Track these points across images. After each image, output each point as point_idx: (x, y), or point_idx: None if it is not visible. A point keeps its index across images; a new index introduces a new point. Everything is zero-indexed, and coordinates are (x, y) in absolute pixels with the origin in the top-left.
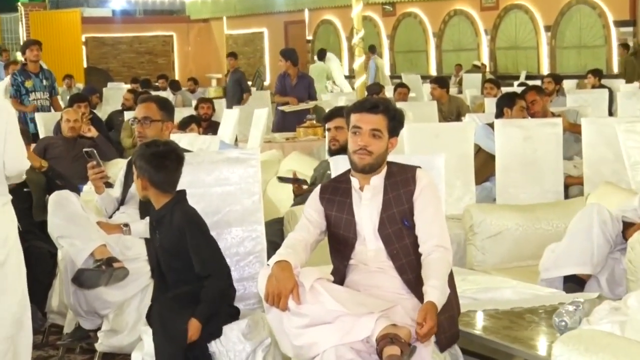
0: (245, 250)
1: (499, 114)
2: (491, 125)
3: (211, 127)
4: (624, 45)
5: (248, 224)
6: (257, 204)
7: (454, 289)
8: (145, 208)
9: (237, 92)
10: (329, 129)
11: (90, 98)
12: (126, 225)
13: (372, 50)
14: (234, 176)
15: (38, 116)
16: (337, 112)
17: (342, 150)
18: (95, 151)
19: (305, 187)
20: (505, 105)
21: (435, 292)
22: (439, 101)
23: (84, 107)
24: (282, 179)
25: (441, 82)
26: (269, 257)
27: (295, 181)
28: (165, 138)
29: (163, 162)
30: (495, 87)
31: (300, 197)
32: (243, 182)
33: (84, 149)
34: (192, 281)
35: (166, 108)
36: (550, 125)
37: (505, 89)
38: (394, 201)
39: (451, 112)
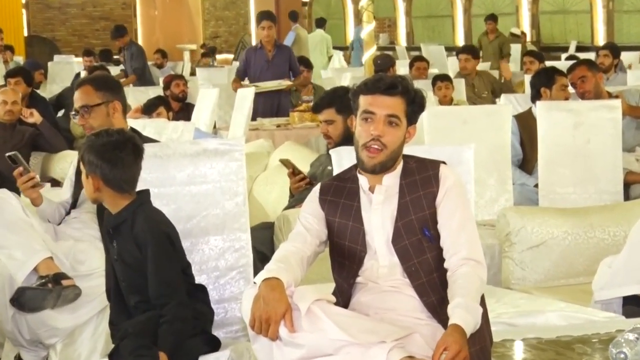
0: (226, 265)
1: (536, 95)
2: (518, 117)
3: (184, 111)
4: None
5: (230, 232)
6: (242, 206)
7: (485, 313)
8: (103, 212)
9: (130, 71)
10: (320, 122)
11: (32, 74)
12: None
13: (293, 17)
14: (213, 172)
15: None
16: (325, 100)
17: (338, 146)
18: (19, 154)
19: (304, 179)
20: (543, 84)
21: (460, 312)
22: (469, 75)
23: (14, 83)
24: (285, 162)
25: (474, 51)
26: (255, 273)
27: (294, 173)
28: (117, 124)
29: (118, 155)
30: (537, 61)
31: (295, 198)
32: (224, 179)
33: (7, 154)
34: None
35: (106, 86)
36: (607, 108)
37: (550, 64)
38: (411, 205)
39: (483, 87)
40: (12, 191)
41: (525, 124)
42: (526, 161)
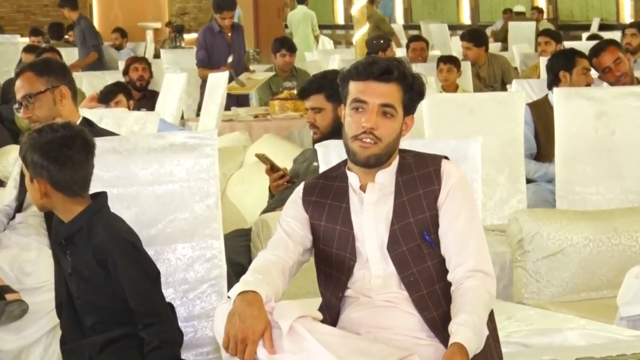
0: (196, 277)
1: (554, 81)
2: (532, 106)
3: (147, 99)
4: None
5: (201, 239)
6: (214, 210)
7: (494, 331)
8: (52, 217)
9: (85, 50)
10: (305, 110)
11: None
12: None
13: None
14: (181, 170)
15: None
16: (314, 85)
17: (326, 139)
18: None
19: (284, 176)
20: (562, 67)
21: (464, 330)
22: (475, 64)
23: None
24: (262, 157)
25: (477, 38)
26: (230, 286)
27: (272, 169)
28: (67, 113)
29: (66, 153)
30: (554, 41)
31: (276, 199)
32: (193, 178)
33: None
34: (120, 324)
35: (49, 70)
36: (634, 95)
37: (569, 45)
38: (409, 207)
39: (492, 77)
40: None
41: (541, 114)
42: (541, 156)
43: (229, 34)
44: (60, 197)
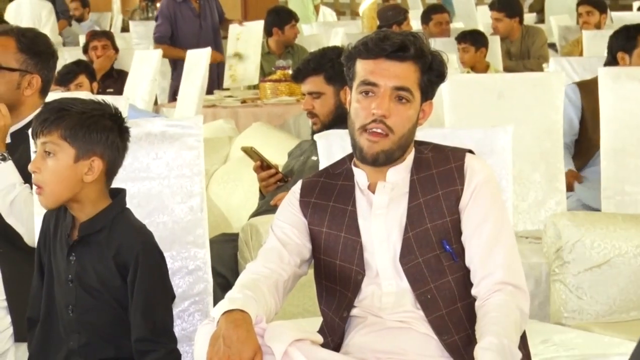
0: (176, 292)
1: (612, 62)
2: (581, 86)
3: (113, 80)
4: None
5: (182, 247)
6: (198, 212)
7: (527, 357)
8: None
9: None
10: (302, 94)
11: None
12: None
13: None
14: (159, 165)
15: None
16: (311, 65)
17: (327, 128)
18: None
19: (276, 174)
20: (620, 47)
21: (490, 356)
22: (507, 38)
23: None
24: (249, 152)
25: (508, 7)
26: (215, 303)
27: (262, 166)
28: (27, 105)
29: (120, 134)
30: (597, 11)
31: (267, 201)
32: (174, 174)
33: None
34: (114, 353)
35: (34, 50)
36: None
37: (617, 16)
38: (426, 210)
39: (525, 54)
40: None
41: (591, 97)
42: (586, 148)
43: (197, 2)
44: (100, 186)
